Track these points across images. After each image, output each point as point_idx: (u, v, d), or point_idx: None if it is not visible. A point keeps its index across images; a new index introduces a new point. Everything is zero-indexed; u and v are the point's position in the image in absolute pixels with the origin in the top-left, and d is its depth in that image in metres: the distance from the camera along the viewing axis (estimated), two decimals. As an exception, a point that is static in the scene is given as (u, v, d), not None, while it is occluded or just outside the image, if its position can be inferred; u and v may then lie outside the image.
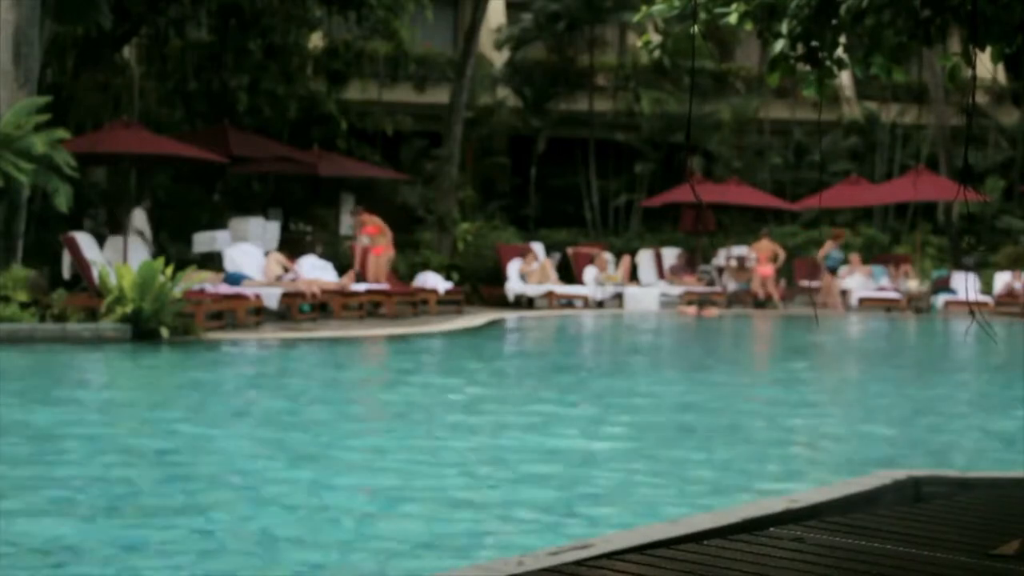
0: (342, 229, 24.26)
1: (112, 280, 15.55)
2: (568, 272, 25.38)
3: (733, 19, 5.77)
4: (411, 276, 22.68)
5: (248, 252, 19.76)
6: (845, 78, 31.41)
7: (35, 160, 16.35)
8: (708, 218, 28.37)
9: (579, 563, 3.56)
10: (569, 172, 31.34)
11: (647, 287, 25.24)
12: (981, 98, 31.65)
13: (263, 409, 10.89)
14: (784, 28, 5.73)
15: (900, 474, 6.95)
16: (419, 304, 20.97)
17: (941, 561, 3.45)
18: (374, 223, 21.31)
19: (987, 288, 25.34)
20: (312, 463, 8.25)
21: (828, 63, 5.77)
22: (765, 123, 32.02)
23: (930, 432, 10.27)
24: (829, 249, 25.63)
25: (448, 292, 21.68)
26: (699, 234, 27.75)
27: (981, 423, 11.05)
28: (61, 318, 15.38)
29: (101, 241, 18.53)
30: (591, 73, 31.30)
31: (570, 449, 8.98)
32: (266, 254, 19.89)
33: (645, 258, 26.51)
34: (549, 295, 23.75)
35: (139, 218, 20.45)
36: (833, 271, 25.42)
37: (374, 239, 21.20)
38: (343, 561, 5.89)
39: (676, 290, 25.17)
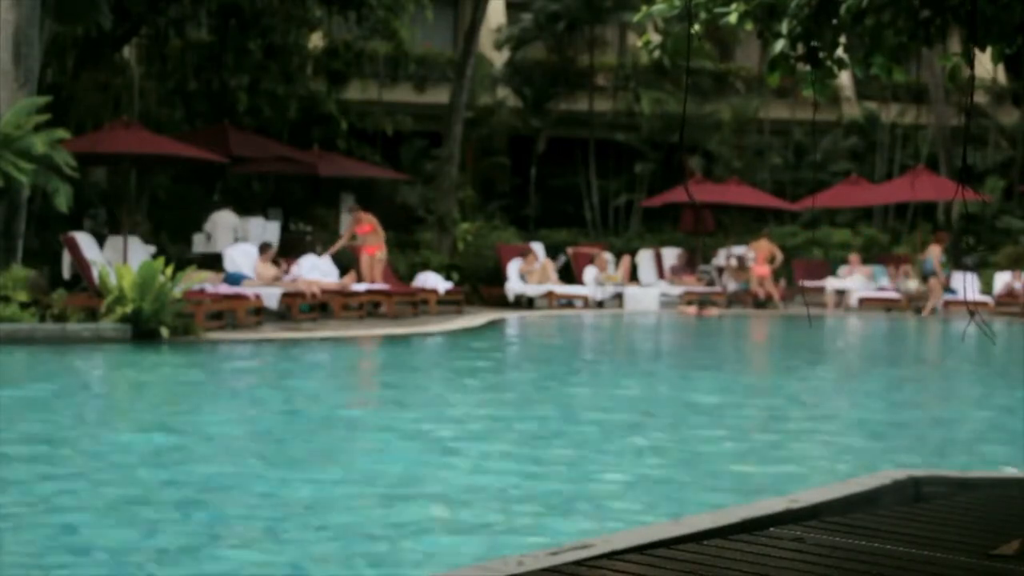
0: (342, 229, 24.26)
1: (112, 280, 15.55)
2: (568, 272, 25.39)
3: (733, 19, 5.77)
4: (411, 276, 22.68)
5: (248, 252, 19.76)
6: (845, 78, 31.42)
7: (35, 160, 16.36)
8: (708, 218, 28.37)
9: (579, 563, 3.56)
10: (569, 172, 31.36)
11: (647, 287, 25.24)
12: (981, 98, 31.68)
13: (262, 409, 10.88)
14: (784, 28, 5.73)
15: (900, 474, 6.95)
16: (419, 304, 20.97)
17: (941, 561, 3.45)
18: (369, 221, 21.34)
19: (987, 288, 25.33)
20: (311, 462, 8.25)
21: (828, 63, 5.77)
22: (765, 123, 32.03)
23: (931, 432, 10.27)
24: (939, 253, 25.23)
25: (448, 292, 21.68)
26: (699, 234, 27.75)
27: (982, 422, 11.05)
28: (61, 318, 15.38)
29: (101, 241, 18.54)
30: (591, 73, 31.31)
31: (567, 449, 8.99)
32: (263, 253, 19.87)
33: (645, 258, 26.51)
34: (549, 295, 23.75)
35: (230, 218, 20.80)
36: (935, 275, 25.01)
37: (365, 238, 21.23)
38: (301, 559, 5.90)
39: (676, 290, 25.17)
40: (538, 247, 25.14)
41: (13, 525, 6.42)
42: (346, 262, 21.50)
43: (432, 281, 21.80)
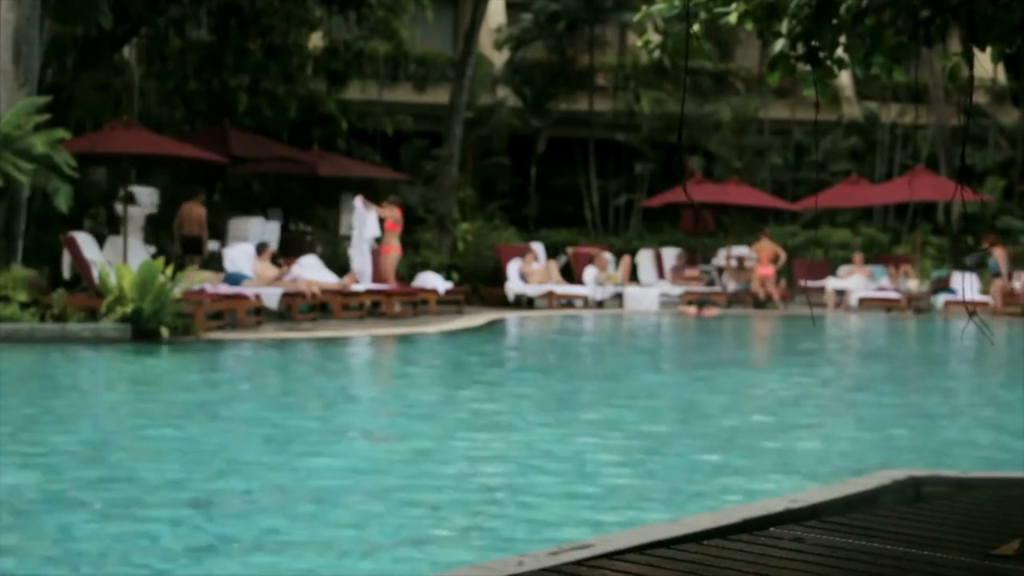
0: (342, 229, 24.25)
1: (112, 280, 15.55)
2: (568, 272, 25.40)
3: (733, 19, 5.77)
4: (411, 276, 22.69)
5: (248, 252, 19.77)
6: (845, 78, 31.44)
7: (35, 160, 16.36)
8: (707, 218, 28.37)
9: (579, 563, 3.56)
10: (569, 172, 31.37)
11: (647, 287, 25.24)
12: (981, 98, 31.69)
13: (261, 408, 10.88)
14: (784, 28, 5.73)
15: (900, 474, 6.95)
16: (419, 304, 20.98)
17: (941, 561, 3.45)
18: (395, 220, 21.41)
19: (987, 288, 25.31)
20: (311, 463, 8.25)
21: (828, 63, 5.77)
22: (765, 123, 32.04)
23: (930, 431, 10.27)
24: (1004, 255, 24.90)
25: (448, 292, 21.68)
26: (699, 234, 27.76)
27: (982, 423, 11.04)
28: (61, 318, 15.38)
29: (101, 241, 18.53)
30: (591, 73, 31.32)
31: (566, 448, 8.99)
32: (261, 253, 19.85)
33: (645, 258, 26.51)
34: (549, 295, 23.75)
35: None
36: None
37: (386, 235, 21.29)
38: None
39: (676, 290, 25.17)
40: (538, 247, 25.14)
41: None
42: (344, 262, 21.48)
43: (432, 281, 21.80)
